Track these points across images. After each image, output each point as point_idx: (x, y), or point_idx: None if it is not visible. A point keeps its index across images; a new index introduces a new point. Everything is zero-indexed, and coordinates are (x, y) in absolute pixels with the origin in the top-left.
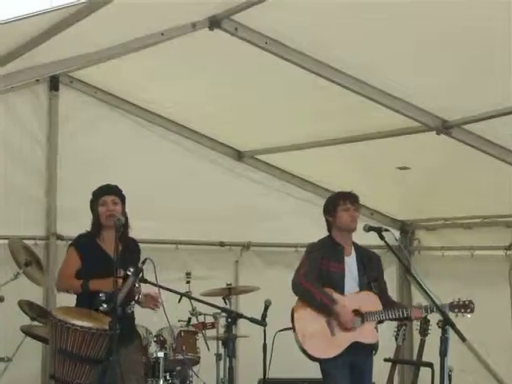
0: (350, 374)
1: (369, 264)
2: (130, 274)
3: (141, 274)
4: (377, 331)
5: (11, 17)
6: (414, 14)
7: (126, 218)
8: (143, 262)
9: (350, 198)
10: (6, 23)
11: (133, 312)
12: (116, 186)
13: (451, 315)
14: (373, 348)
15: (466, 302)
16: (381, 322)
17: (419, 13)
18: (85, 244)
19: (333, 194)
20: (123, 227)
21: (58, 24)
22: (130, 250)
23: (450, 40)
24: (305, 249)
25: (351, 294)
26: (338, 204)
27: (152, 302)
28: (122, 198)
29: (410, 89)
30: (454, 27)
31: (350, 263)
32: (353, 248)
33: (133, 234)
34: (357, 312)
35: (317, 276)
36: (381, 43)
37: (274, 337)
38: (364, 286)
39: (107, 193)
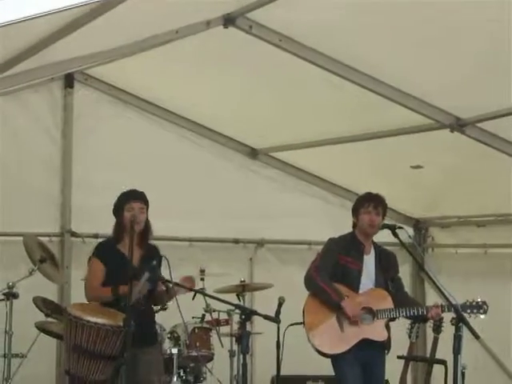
0: (361, 370)
1: (386, 263)
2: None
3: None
4: (389, 329)
5: (26, 15)
6: (427, 11)
7: (149, 226)
8: (159, 261)
9: (372, 200)
10: (21, 21)
11: (153, 311)
12: (143, 193)
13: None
14: (384, 345)
15: (480, 303)
16: (392, 319)
17: (432, 9)
18: (106, 251)
19: (360, 195)
20: (144, 234)
21: (73, 22)
22: (151, 256)
23: (463, 37)
24: (318, 246)
25: (364, 291)
26: (361, 206)
27: (188, 284)
28: (148, 206)
29: (424, 87)
30: (467, 24)
31: (368, 262)
32: (372, 247)
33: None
34: (368, 309)
35: (330, 271)
36: (395, 41)
37: (284, 331)
38: (380, 285)
39: (135, 199)
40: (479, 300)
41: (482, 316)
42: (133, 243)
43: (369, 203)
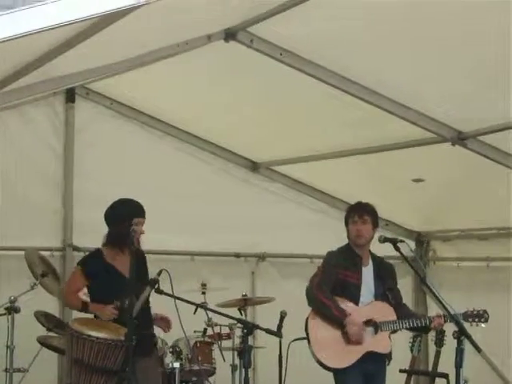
0: (363, 381)
1: (385, 274)
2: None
3: (156, 286)
4: (390, 341)
5: (28, 30)
6: (427, 25)
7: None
8: (159, 273)
9: (356, 210)
10: (23, 36)
11: (151, 322)
12: None
13: (465, 325)
14: (386, 357)
15: (481, 312)
16: (395, 331)
17: (433, 24)
18: (93, 263)
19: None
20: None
21: (75, 37)
22: (138, 260)
23: (465, 51)
24: (320, 260)
25: (365, 304)
26: (349, 216)
27: (164, 324)
28: None
29: (425, 100)
30: (468, 38)
31: (367, 274)
32: (370, 258)
33: (149, 245)
34: (370, 322)
35: (331, 286)
36: (396, 54)
37: (288, 347)
38: (380, 296)
39: (143, 215)
40: (480, 309)
41: (483, 325)
42: (134, 261)
43: (354, 213)
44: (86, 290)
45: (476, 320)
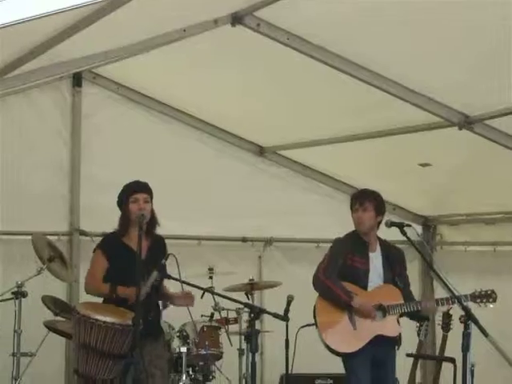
0: (372, 367)
1: (393, 259)
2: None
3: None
4: (399, 325)
5: (35, 14)
6: (434, 10)
7: (154, 215)
8: (166, 258)
9: (358, 198)
10: (30, 20)
11: (158, 306)
12: (147, 184)
13: (473, 306)
14: (395, 341)
15: (489, 292)
16: (403, 314)
17: (440, 8)
18: (111, 244)
19: None
20: (150, 224)
21: (81, 21)
22: (157, 248)
23: (471, 35)
24: (326, 244)
25: (372, 288)
26: (352, 204)
27: (188, 301)
28: (152, 196)
29: (432, 84)
30: (474, 22)
31: (375, 259)
32: (378, 244)
33: (156, 229)
34: (379, 306)
35: (338, 272)
36: (403, 39)
37: (296, 333)
38: (389, 281)
39: (139, 190)
40: (488, 289)
41: (492, 305)
42: (141, 241)
43: (355, 201)
44: None
45: (484, 300)
